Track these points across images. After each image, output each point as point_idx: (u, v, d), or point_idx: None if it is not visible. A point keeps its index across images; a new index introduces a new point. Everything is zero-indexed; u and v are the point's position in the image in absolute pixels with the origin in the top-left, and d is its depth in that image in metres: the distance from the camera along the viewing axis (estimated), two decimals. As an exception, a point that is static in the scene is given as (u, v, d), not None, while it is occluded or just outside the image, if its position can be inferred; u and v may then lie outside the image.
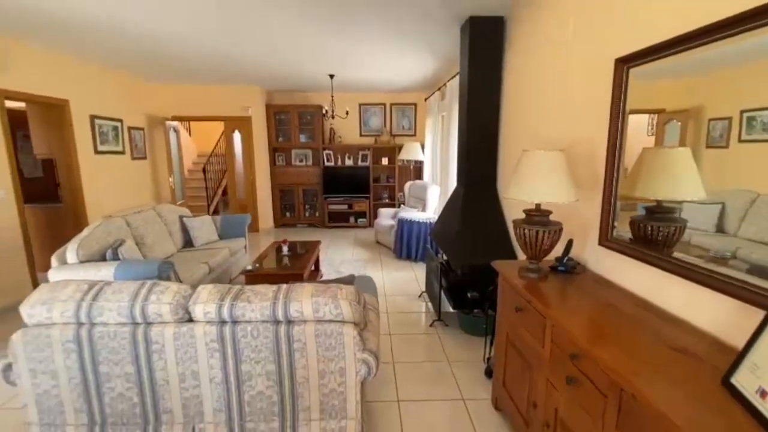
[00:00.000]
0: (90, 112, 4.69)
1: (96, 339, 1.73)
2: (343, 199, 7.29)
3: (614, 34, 1.80)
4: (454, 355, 2.84)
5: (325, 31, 3.60)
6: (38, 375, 1.76)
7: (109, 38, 3.75)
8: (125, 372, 1.76)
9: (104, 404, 1.79)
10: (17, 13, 3.06)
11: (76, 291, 1.78)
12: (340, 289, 1.85)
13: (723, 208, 1.37)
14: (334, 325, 1.76)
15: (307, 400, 1.81)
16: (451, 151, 4.62)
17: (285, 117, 7.11)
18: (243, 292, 1.80)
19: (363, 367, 1.79)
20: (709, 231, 1.41)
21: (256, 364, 1.77)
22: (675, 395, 0.98)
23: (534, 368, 1.70)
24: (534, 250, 1.84)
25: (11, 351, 1.76)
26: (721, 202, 1.37)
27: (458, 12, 3.07)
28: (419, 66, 5.10)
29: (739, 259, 1.25)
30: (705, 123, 1.40)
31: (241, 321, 1.75)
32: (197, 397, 1.80)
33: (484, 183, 3.33)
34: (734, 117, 1.27)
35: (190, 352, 1.75)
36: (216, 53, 4.38)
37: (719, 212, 1.38)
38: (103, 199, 4.86)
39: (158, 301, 1.73)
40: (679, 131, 1.62)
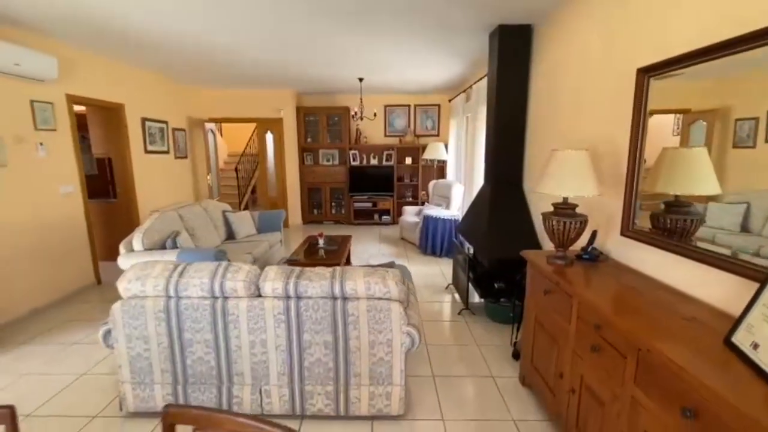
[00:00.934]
0: (141, 114, 5.11)
1: (182, 310, 2.04)
2: (368, 197, 7.57)
3: (636, 45, 2.00)
4: (482, 339, 3.07)
5: (357, 38, 3.86)
6: (133, 340, 2.08)
7: (162, 48, 4.12)
8: (205, 339, 2.07)
9: (186, 366, 2.10)
10: (87, 28, 3.42)
11: (164, 269, 2.09)
12: (387, 271, 2.11)
13: (748, 208, 1.43)
14: (383, 302, 2.02)
15: (359, 367, 2.08)
16: (477, 150, 4.82)
17: (314, 118, 7.45)
18: (304, 273, 2.08)
19: (407, 339, 2.05)
20: (733, 231, 1.48)
21: (316, 334, 2.04)
22: (684, 351, 1.19)
23: (560, 343, 1.92)
24: (561, 239, 2.06)
25: (111, 319, 2.08)
26: (746, 202, 1.44)
27: (488, 21, 3.28)
28: (445, 69, 5.31)
29: (762, 257, 1.32)
30: (732, 123, 1.47)
31: (303, 297, 2.03)
32: (264, 362, 2.08)
33: (510, 181, 3.53)
34: (761, 117, 1.30)
35: (260, 322, 2.04)
36: (256, 60, 4.70)
37: (744, 212, 1.45)
38: (150, 195, 5.27)
39: (233, 278, 2.03)
40: (705, 132, 1.74)
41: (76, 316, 3.56)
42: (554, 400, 1.98)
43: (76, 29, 3.47)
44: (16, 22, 3.23)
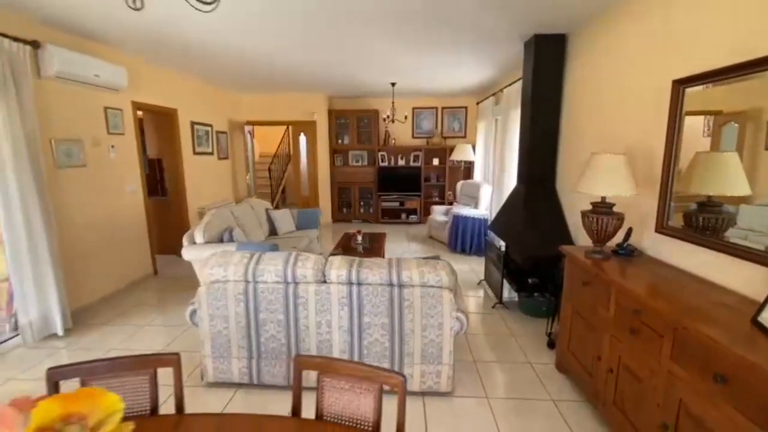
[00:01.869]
0: (191, 118, 5.50)
1: (258, 293, 2.33)
2: (395, 197, 7.82)
3: (671, 57, 2.17)
4: (516, 331, 3.27)
5: (396, 47, 4.09)
6: (215, 319, 2.38)
7: (213, 59, 4.46)
8: (277, 319, 2.35)
9: (260, 343, 2.39)
10: (153, 42, 3.79)
11: (242, 258, 2.39)
12: (437, 262, 2.35)
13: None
14: (435, 289, 2.26)
15: (412, 347, 2.33)
16: (507, 152, 5.00)
17: (344, 121, 7.75)
18: (364, 262, 2.34)
19: (456, 323, 2.28)
20: (765, 232, 1.60)
21: (375, 317, 2.30)
22: (716, 329, 1.39)
23: (598, 329, 2.12)
24: (599, 235, 2.25)
25: (197, 300, 2.39)
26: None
27: (524, 31, 3.48)
28: (476, 74, 5.50)
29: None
30: (764, 125, 1.59)
31: (364, 283, 2.29)
32: (328, 341, 2.36)
33: (543, 181, 3.72)
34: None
35: (325, 305, 2.31)
36: (295, 66, 4.98)
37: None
38: (197, 194, 5.66)
39: (303, 266, 2.31)
40: (737, 133, 1.89)
41: (141, 302, 3.93)
42: (592, 381, 2.18)
43: (144, 43, 3.84)
44: (92, 36, 3.61)
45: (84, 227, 3.69)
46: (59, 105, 3.39)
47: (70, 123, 3.51)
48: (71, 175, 3.52)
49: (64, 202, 3.43)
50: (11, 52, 2.84)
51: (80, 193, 3.64)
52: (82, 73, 3.42)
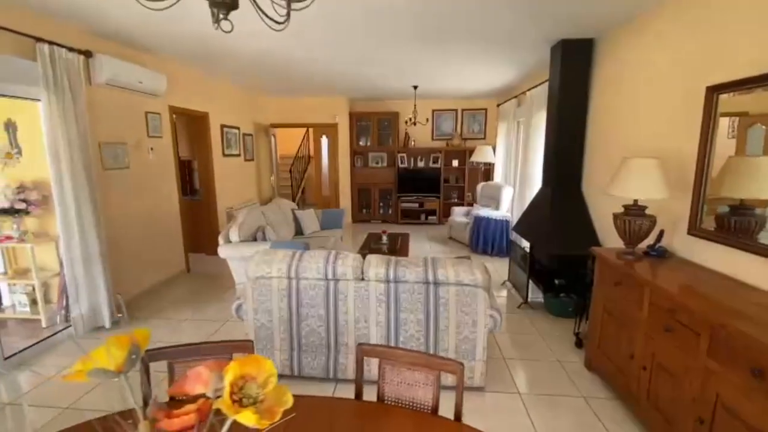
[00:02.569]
0: (221, 121, 5.70)
1: (301, 289, 2.46)
2: (415, 198, 7.92)
3: (704, 63, 2.23)
4: (544, 330, 3.33)
5: (424, 54, 4.20)
6: (259, 312, 2.52)
7: (247, 65, 4.64)
8: (318, 313, 2.48)
9: (301, 336, 2.52)
10: (192, 50, 3.98)
11: (285, 255, 2.53)
12: (471, 261, 2.44)
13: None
14: (470, 288, 2.36)
15: (446, 343, 2.42)
16: (531, 154, 5.05)
17: (365, 123, 7.88)
18: (401, 261, 2.45)
19: (491, 320, 2.37)
20: None
21: (411, 313, 2.41)
22: (752, 326, 1.45)
23: (631, 328, 2.18)
24: (631, 237, 2.32)
25: (243, 294, 2.53)
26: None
27: (552, 36, 3.55)
28: (498, 77, 5.56)
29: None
30: None
31: (401, 281, 2.39)
32: (366, 335, 2.47)
33: (569, 184, 3.77)
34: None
35: (364, 302, 2.43)
36: (324, 71, 5.13)
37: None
38: (225, 194, 5.85)
39: (343, 264, 2.43)
40: (764, 135, 1.94)
41: (178, 298, 4.12)
42: (624, 378, 2.24)
43: (185, 51, 4.03)
44: (136, 45, 3.82)
45: (126, 226, 3.89)
46: (107, 110, 3.60)
47: (115, 127, 3.72)
48: (116, 176, 3.73)
49: (109, 201, 3.63)
50: (68, 60, 3.04)
51: (123, 193, 3.84)
52: (128, 80, 3.62)
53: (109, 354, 0.60)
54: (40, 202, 3.29)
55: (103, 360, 0.59)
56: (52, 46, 2.90)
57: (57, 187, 3.04)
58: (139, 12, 2.97)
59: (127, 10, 2.91)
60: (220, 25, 1.12)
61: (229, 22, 1.16)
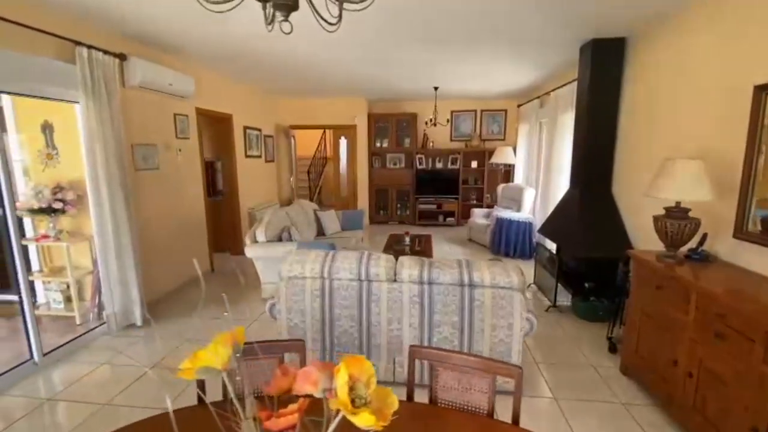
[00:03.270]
0: (243, 123, 5.77)
1: (334, 289, 2.46)
2: (433, 199, 7.89)
3: (751, 62, 2.16)
4: (574, 334, 3.27)
5: (448, 56, 4.18)
6: (292, 312, 2.53)
7: (269, 66, 4.67)
8: (351, 314, 2.48)
9: (334, 336, 2.52)
10: (220, 54, 4.03)
11: (318, 256, 2.54)
12: (506, 264, 2.41)
13: None
14: (506, 290, 2.33)
15: (481, 346, 2.40)
16: (555, 156, 4.98)
17: (383, 124, 7.89)
18: (434, 263, 2.44)
19: (527, 324, 2.34)
20: None
21: (445, 315, 2.39)
22: (818, 334, 1.40)
23: (675, 333, 2.12)
24: (673, 240, 2.26)
25: (276, 294, 2.55)
26: None
27: (581, 36, 3.49)
28: (520, 78, 5.50)
29: None
30: None
31: (435, 283, 2.38)
32: (399, 337, 2.46)
33: (598, 185, 3.70)
34: None
35: (397, 303, 2.42)
36: (345, 72, 5.12)
37: None
38: (247, 195, 5.92)
39: (377, 265, 2.43)
40: None
41: (207, 297, 4.15)
42: (665, 385, 2.19)
43: (213, 54, 4.09)
44: (167, 48, 3.89)
45: (155, 226, 3.96)
46: (138, 112, 3.67)
47: (146, 129, 3.79)
48: (146, 177, 3.79)
49: (139, 202, 3.69)
50: (104, 63, 3.11)
51: (153, 193, 3.91)
52: (159, 83, 3.68)
53: (216, 353, 0.61)
54: (75, 202, 3.37)
55: (210, 358, 0.60)
56: (90, 49, 2.98)
57: (93, 188, 3.10)
58: (173, 15, 3.03)
59: (162, 12, 2.96)
60: (276, 26, 1.13)
61: (289, 24, 1.16)
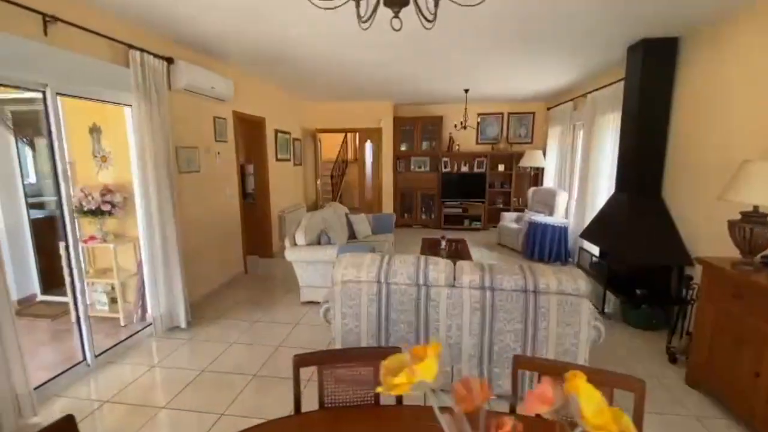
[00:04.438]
0: (274, 127, 5.79)
1: (391, 294, 2.41)
2: (459, 203, 7.80)
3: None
4: (627, 342, 3.16)
5: (483, 57, 4.11)
6: (347, 317, 2.49)
7: (308, 71, 4.68)
8: (407, 320, 2.42)
9: (389, 342, 2.47)
10: (257, 54, 4.04)
11: (373, 259, 2.49)
12: (572, 269, 2.34)
13: None
14: (573, 297, 2.25)
15: (544, 355, 2.32)
16: (593, 159, 4.86)
17: (409, 127, 7.86)
18: (496, 268, 2.37)
19: (594, 332, 2.26)
20: None
21: (507, 323, 2.32)
22: None
23: (756, 345, 2.02)
24: (751, 246, 2.16)
25: (331, 298, 2.51)
26: None
27: (631, 36, 3.40)
28: (554, 79, 5.38)
29: None
30: None
31: (497, 289, 2.31)
32: (458, 344, 2.40)
33: (648, 189, 3.59)
34: None
35: (457, 309, 2.36)
36: (380, 74, 5.08)
37: None
38: (277, 199, 5.93)
39: (435, 270, 2.37)
40: None
41: (243, 299, 4.16)
42: (744, 398, 2.08)
43: (252, 58, 4.12)
44: (209, 52, 3.92)
45: (196, 228, 3.97)
46: (182, 115, 3.69)
47: (189, 132, 3.81)
48: (188, 180, 3.81)
49: (181, 204, 3.71)
50: (154, 67, 3.13)
51: (194, 196, 3.92)
52: (202, 86, 3.71)
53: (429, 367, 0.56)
54: (122, 204, 3.40)
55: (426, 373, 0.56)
56: (142, 53, 3.00)
57: (142, 190, 3.12)
58: (221, 20, 3.04)
59: (211, 17, 2.98)
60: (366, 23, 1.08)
61: (399, 20, 1.12)
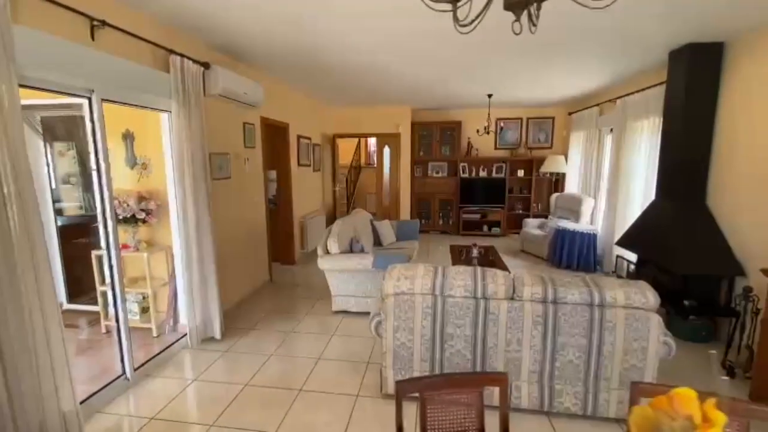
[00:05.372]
0: (297, 132, 5.73)
1: (447, 307, 2.33)
2: (477, 209, 7.72)
3: None
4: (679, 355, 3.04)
5: (519, 58, 4.02)
6: (399, 331, 2.40)
7: (330, 75, 4.61)
8: (464, 334, 2.33)
9: (444, 358, 2.38)
10: (288, 61, 3.99)
11: (427, 271, 2.41)
12: (638, 282, 2.25)
13: None
14: (641, 311, 2.15)
15: (609, 372, 2.22)
16: (625, 165, 4.77)
17: (427, 133, 7.80)
18: (558, 280, 2.28)
19: (663, 348, 2.16)
20: None
21: (570, 337, 2.22)
22: None
23: (842, 363, 1.92)
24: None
25: (383, 311, 2.42)
26: None
27: (676, 40, 3.33)
28: (580, 84, 5.31)
29: None
30: None
31: (560, 302, 2.22)
32: (518, 359, 2.30)
33: (691, 196, 3.50)
34: None
35: (518, 323, 2.27)
36: (409, 81, 5.03)
37: None
38: (299, 204, 5.86)
39: (494, 282, 2.29)
40: None
41: (273, 308, 4.07)
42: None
43: (283, 63, 4.07)
44: (241, 57, 3.87)
45: (226, 236, 3.89)
46: (216, 121, 3.63)
47: (220, 138, 3.75)
48: (220, 186, 3.74)
49: (214, 211, 3.64)
50: (193, 72, 3.07)
51: (225, 203, 3.85)
52: (236, 91, 3.64)
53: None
54: (155, 212, 3.33)
55: None
56: (182, 58, 2.94)
57: (179, 197, 3.05)
58: (257, 26, 2.99)
59: (246, 23, 2.93)
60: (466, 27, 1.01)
61: (520, 24, 1.05)
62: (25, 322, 1.85)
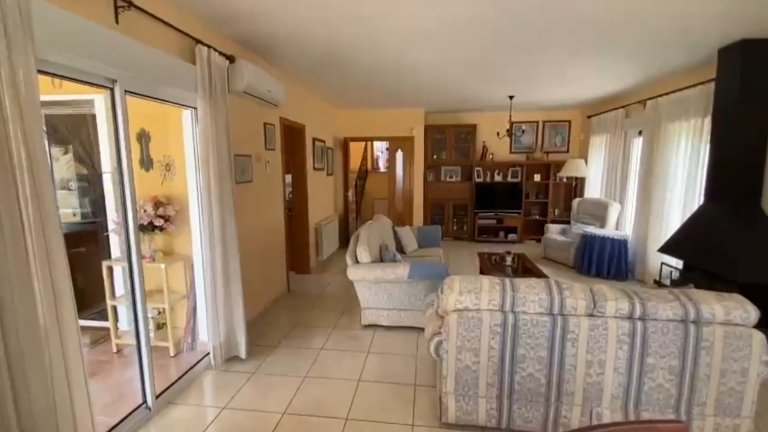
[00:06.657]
0: (313, 135, 5.46)
1: (519, 325, 2.07)
2: (493, 214, 7.50)
3: None
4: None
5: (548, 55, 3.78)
6: (463, 351, 2.13)
7: (348, 74, 4.36)
8: (538, 355, 2.07)
9: (514, 381, 2.12)
10: (311, 60, 3.75)
11: (493, 284, 2.15)
12: (734, 296, 2.01)
13: None
14: (741, 328, 1.92)
15: (704, 396, 1.98)
16: (658, 168, 4.58)
17: (441, 136, 7.58)
18: (646, 293, 2.04)
19: (766, 369, 1.92)
20: None
21: (661, 358, 1.98)
22: None
23: None
24: None
25: (444, 329, 2.15)
26: None
27: (726, 36, 3.15)
28: (608, 86, 5.14)
29: None
30: None
31: (649, 319, 1.98)
32: (599, 383, 2.05)
33: (746, 199, 3.31)
34: None
35: (600, 342, 2.01)
36: (424, 80, 4.79)
37: None
38: (314, 209, 5.58)
39: (573, 296, 2.03)
40: None
41: (295, 321, 3.78)
42: None
43: (305, 61, 3.82)
44: (262, 53, 3.61)
45: (247, 244, 3.59)
46: (238, 120, 3.35)
47: (242, 138, 3.47)
48: (242, 190, 3.45)
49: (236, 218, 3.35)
50: (219, 65, 2.80)
51: (246, 208, 3.56)
52: (260, 89, 3.37)
53: None
54: (173, 219, 3.04)
55: None
56: (209, 49, 2.68)
57: (203, 202, 2.76)
58: (283, 17, 2.76)
59: (273, 15, 2.69)
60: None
61: None
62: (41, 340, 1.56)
